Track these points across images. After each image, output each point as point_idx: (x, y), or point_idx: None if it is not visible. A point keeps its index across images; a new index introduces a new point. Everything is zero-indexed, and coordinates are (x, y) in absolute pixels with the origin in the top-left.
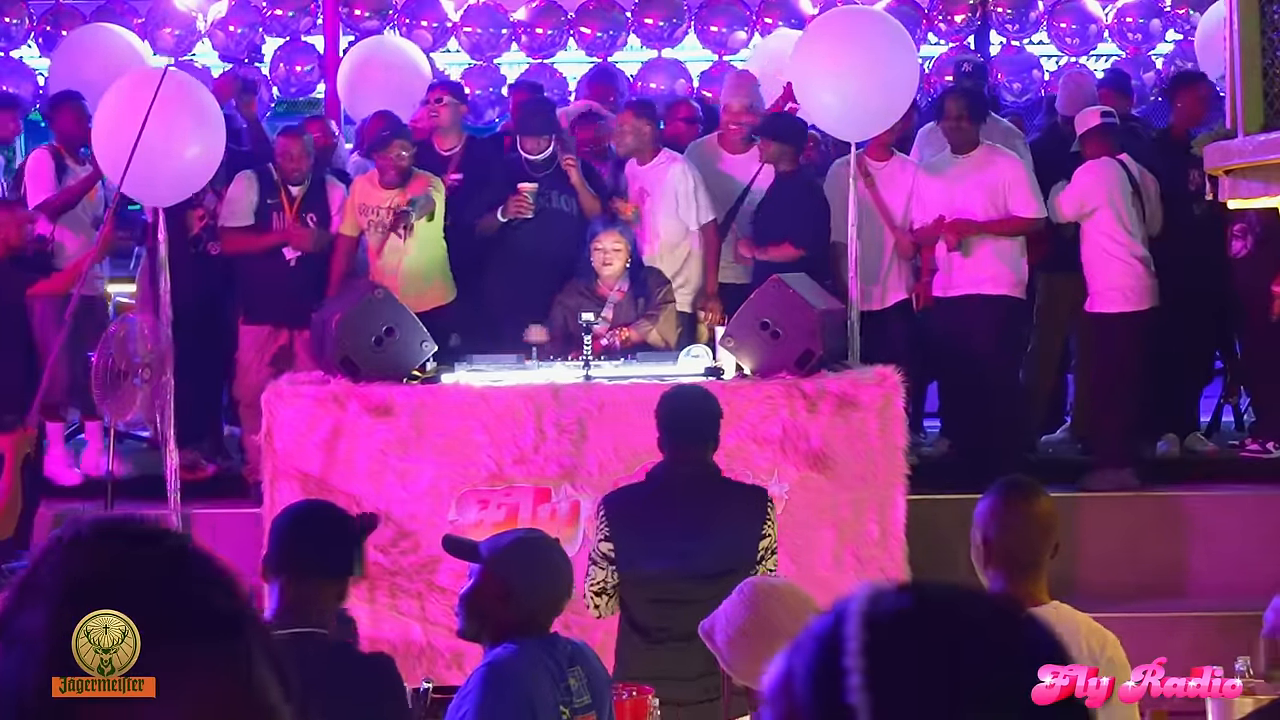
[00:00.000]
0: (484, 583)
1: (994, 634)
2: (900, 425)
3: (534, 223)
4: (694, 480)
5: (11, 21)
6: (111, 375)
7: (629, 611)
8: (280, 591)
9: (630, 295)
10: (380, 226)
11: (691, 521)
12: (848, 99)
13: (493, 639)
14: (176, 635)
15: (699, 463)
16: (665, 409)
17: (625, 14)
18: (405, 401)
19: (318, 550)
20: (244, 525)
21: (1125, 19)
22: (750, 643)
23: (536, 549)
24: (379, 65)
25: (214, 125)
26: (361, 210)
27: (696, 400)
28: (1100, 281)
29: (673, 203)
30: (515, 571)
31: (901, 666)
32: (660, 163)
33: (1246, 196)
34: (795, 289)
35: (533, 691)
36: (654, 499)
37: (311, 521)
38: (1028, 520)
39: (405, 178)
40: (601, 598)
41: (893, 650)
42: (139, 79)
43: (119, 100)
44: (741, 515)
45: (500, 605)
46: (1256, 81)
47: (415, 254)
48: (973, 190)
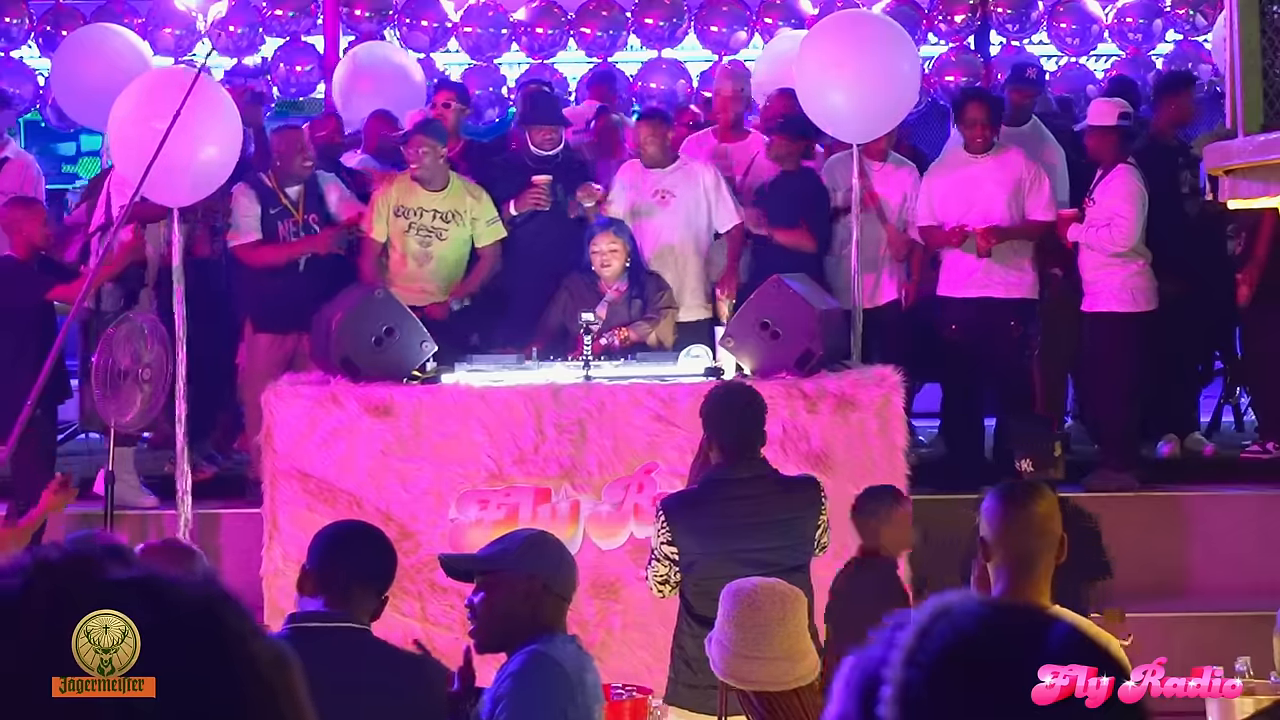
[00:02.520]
0: (512, 586)
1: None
2: (900, 425)
3: (544, 218)
4: (754, 482)
5: (11, 21)
6: (112, 375)
7: (689, 604)
8: (325, 602)
9: (627, 296)
10: (421, 230)
11: (757, 522)
12: (851, 100)
13: (521, 643)
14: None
15: (758, 463)
16: (719, 412)
17: (625, 14)
18: (405, 402)
19: (364, 564)
20: (244, 525)
21: (1125, 19)
22: (736, 646)
23: (553, 543)
24: (372, 75)
25: (230, 125)
26: (399, 213)
27: (750, 401)
28: (1099, 282)
29: (696, 205)
30: (547, 567)
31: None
32: (682, 165)
33: (1246, 196)
34: (795, 289)
35: (573, 682)
36: (715, 503)
37: (359, 538)
38: (1028, 520)
39: (443, 179)
40: (665, 586)
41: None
42: (158, 79)
43: (138, 100)
44: (802, 508)
45: (532, 605)
46: (1256, 81)
47: (449, 258)
48: (994, 191)
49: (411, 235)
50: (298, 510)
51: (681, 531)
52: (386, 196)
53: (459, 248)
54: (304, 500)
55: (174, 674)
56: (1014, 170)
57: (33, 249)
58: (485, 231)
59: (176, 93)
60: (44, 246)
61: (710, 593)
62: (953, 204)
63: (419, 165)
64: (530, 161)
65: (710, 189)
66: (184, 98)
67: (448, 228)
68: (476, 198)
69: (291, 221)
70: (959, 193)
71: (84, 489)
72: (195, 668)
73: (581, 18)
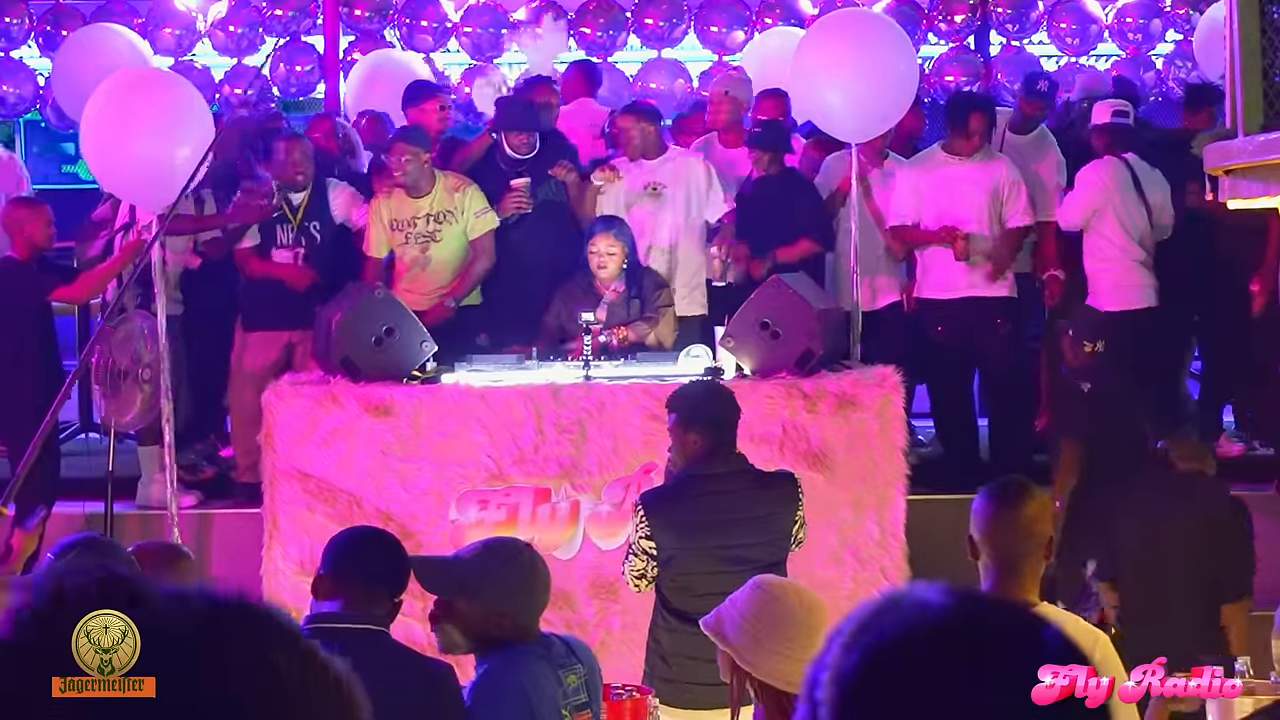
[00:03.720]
0: (472, 609)
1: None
2: (900, 425)
3: (531, 216)
4: (732, 477)
5: (11, 21)
6: (112, 375)
7: (666, 598)
8: (342, 605)
9: (625, 296)
10: (419, 238)
11: (735, 518)
12: (849, 100)
13: (483, 651)
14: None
15: (734, 459)
16: (701, 406)
17: (625, 14)
18: (405, 401)
19: (379, 568)
20: (244, 525)
21: (1125, 19)
22: (763, 636)
23: (514, 563)
24: (386, 76)
25: (201, 125)
26: (395, 226)
27: (724, 397)
28: (1098, 280)
29: (687, 196)
30: (505, 601)
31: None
32: (673, 157)
33: (1246, 197)
34: (795, 289)
35: (532, 697)
36: (694, 498)
37: (374, 543)
38: (1014, 521)
39: (429, 182)
40: (642, 580)
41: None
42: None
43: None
44: (780, 503)
45: (496, 625)
46: (1256, 81)
47: (448, 256)
48: (973, 194)
49: (411, 245)
50: (298, 510)
51: (659, 526)
52: (379, 213)
53: (455, 246)
54: (304, 500)
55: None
56: (995, 175)
57: (34, 249)
58: (477, 223)
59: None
60: (46, 247)
61: (687, 588)
62: (930, 204)
63: (402, 173)
64: (504, 165)
65: (701, 179)
66: (214, 142)
67: (441, 228)
68: (463, 191)
69: (289, 227)
70: (938, 193)
71: (122, 490)
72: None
73: (581, 17)
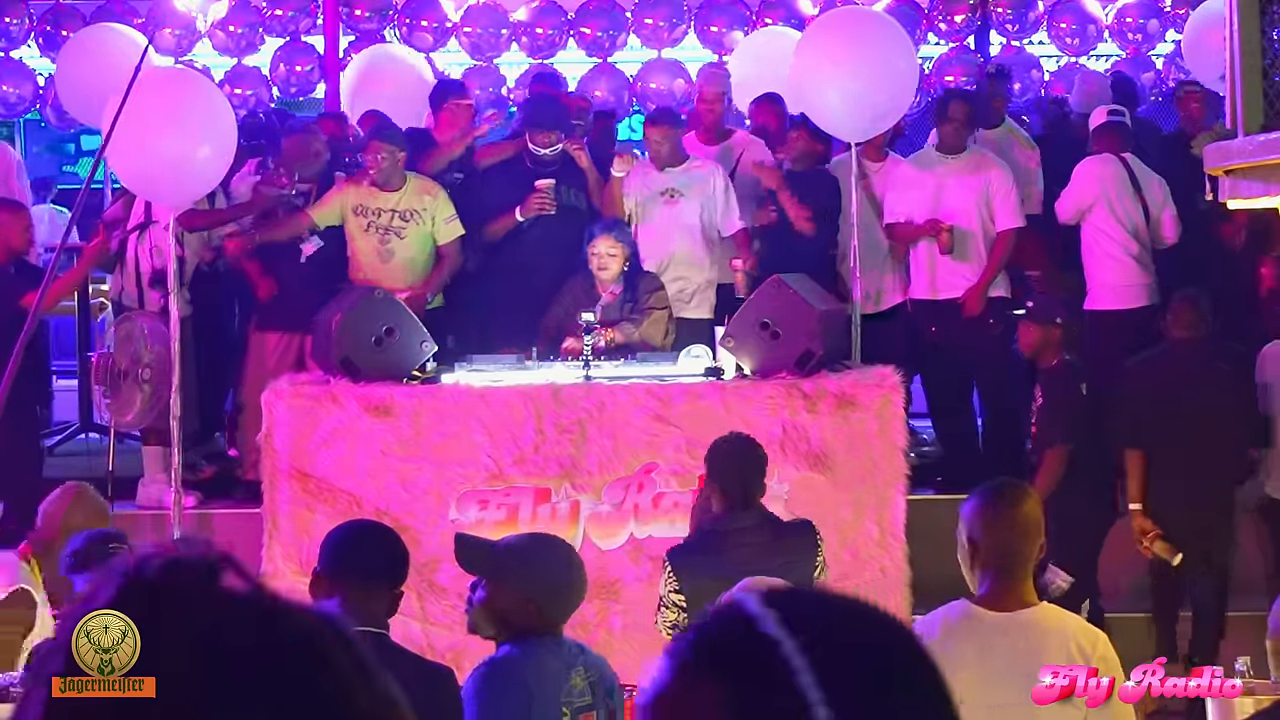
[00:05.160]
0: (503, 593)
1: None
2: (900, 425)
3: (547, 219)
4: (753, 530)
5: (11, 21)
6: (113, 375)
7: None
8: (341, 601)
9: (620, 298)
10: (379, 229)
11: (757, 570)
12: (847, 99)
13: (503, 637)
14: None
15: (757, 513)
16: (725, 463)
17: (625, 14)
18: (405, 402)
19: (376, 562)
20: (244, 525)
21: (1125, 19)
22: None
23: (555, 556)
24: (383, 73)
25: (223, 125)
26: (357, 211)
27: (753, 454)
28: (1096, 279)
29: (704, 205)
30: (539, 583)
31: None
32: (694, 165)
33: (1246, 196)
34: (795, 289)
35: (533, 690)
36: (719, 553)
37: (370, 536)
38: (1011, 523)
39: (400, 180)
40: (675, 630)
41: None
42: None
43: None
44: (799, 552)
45: (522, 613)
46: (1256, 81)
47: (411, 255)
48: (961, 193)
49: (371, 234)
50: (298, 510)
51: (686, 579)
52: (344, 195)
53: (420, 246)
54: (304, 500)
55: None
56: (984, 174)
57: (11, 254)
58: (444, 230)
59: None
60: (24, 251)
61: None
62: (919, 202)
63: (376, 170)
64: (530, 164)
65: (720, 192)
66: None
67: (406, 226)
68: (434, 195)
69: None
70: (928, 191)
71: (122, 490)
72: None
73: (581, 17)
